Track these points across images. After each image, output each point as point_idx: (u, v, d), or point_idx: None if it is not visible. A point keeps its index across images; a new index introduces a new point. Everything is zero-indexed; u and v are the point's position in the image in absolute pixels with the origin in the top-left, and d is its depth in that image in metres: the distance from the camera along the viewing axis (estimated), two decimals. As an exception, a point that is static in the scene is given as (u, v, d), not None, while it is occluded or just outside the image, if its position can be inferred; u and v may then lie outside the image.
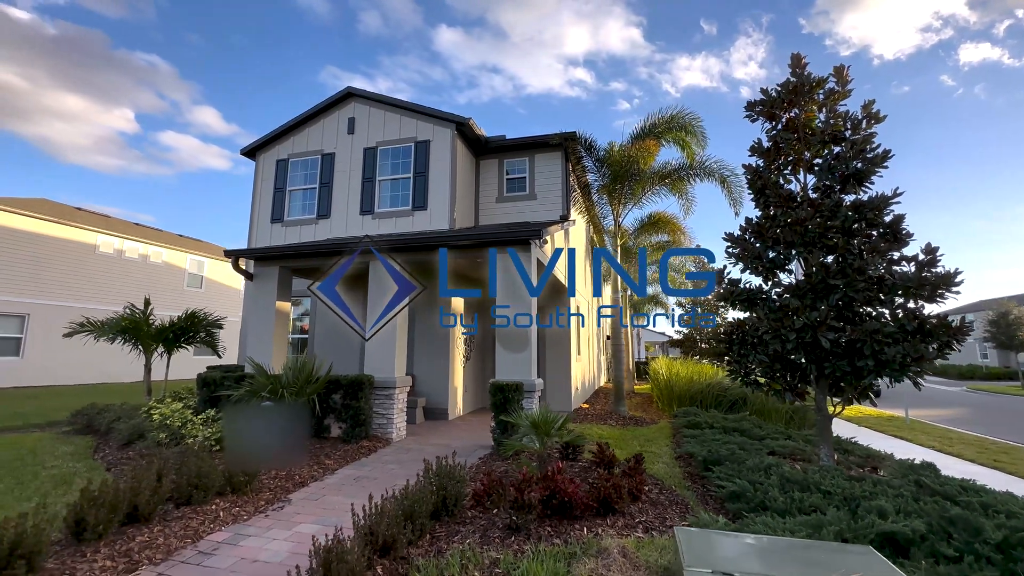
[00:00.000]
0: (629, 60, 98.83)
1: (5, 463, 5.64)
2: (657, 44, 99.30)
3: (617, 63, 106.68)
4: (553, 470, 4.09)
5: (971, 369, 37.32)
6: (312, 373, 6.26)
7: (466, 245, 7.28)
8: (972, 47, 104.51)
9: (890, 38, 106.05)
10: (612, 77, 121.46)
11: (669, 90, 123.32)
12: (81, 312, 18.32)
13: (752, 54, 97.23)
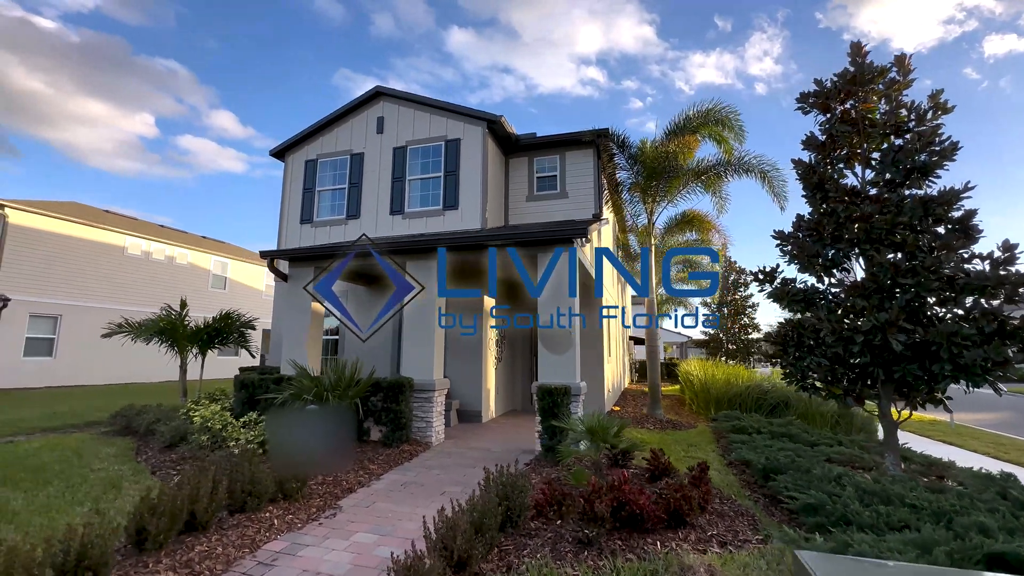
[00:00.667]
0: (642, 58, 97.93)
1: (52, 465, 5.63)
2: (670, 41, 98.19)
3: (629, 61, 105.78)
4: (619, 480, 3.89)
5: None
6: (354, 375, 6.15)
7: (511, 244, 7.09)
8: (997, 39, 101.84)
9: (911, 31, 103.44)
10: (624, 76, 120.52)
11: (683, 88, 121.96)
12: (110, 313, 18.61)
13: (767, 50, 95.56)
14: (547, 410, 5.65)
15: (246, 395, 7.22)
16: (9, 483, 4.98)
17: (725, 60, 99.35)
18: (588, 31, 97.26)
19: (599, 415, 4.97)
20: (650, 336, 10.25)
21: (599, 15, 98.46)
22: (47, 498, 4.53)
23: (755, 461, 5.53)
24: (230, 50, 70.95)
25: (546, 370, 6.57)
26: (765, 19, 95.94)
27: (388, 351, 9.93)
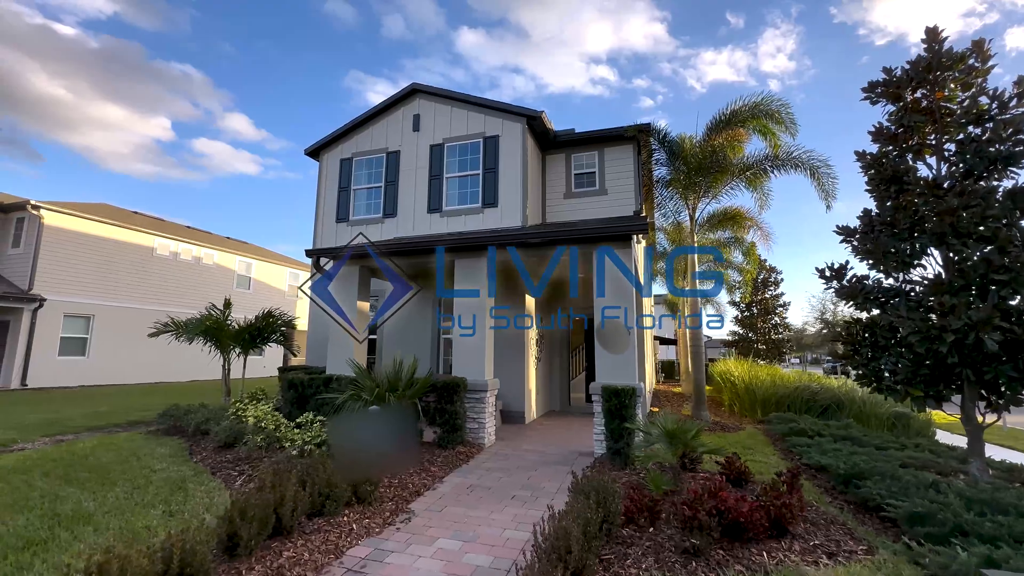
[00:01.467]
0: (652, 56, 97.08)
1: (112, 466, 5.59)
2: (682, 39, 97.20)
3: (640, 60, 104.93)
4: (716, 486, 3.70)
5: None
6: (412, 375, 6.03)
7: (573, 240, 6.92)
8: (1020, 31, 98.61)
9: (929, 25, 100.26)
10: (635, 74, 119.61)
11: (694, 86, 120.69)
12: (140, 314, 18.83)
13: (780, 46, 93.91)
14: (614, 412, 5.47)
15: (294, 395, 7.15)
16: (75, 483, 4.94)
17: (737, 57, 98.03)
18: (598, 30, 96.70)
19: (675, 417, 4.77)
20: (695, 336, 10.00)
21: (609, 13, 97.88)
22: (116, 499, 4.47)
23: (833, 466, 5.29)
24: (244, 54, 71.87)
25: (604, 370, 6.39)
26: (778, 14, 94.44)
27: (427, 350, 9.82)
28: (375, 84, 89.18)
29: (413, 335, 10.03)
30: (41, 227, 16.02)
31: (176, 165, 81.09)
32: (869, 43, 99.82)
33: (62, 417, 9.41)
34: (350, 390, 5.77)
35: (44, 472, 5.30)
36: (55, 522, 3.92)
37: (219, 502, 4.44)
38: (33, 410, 10.30)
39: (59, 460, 5.82)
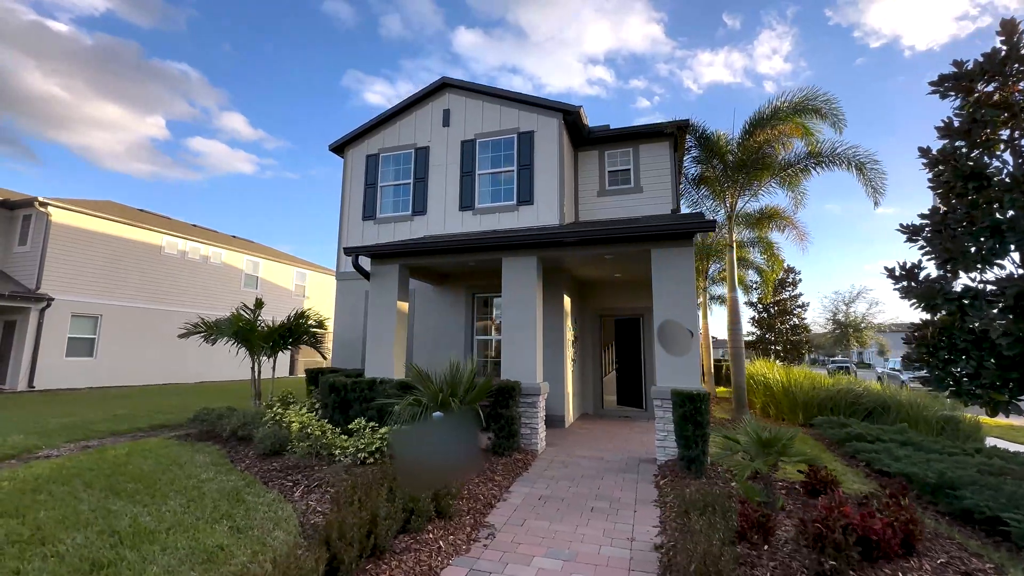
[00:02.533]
0: (650, 57, 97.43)
1: (155, 475, 5.27)
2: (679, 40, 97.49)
3: (637, 60, 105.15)
4: (837, 500, 3.45)
5: None
6: (472, 379, 5.75)
7: (636, 237, 6.65)
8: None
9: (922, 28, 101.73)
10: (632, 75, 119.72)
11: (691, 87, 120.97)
12: (149, 313, 18.43)
13: (776, 48, 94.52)
14: (688, 417, 5.21)
15: (336, 399, 6.85)
16: (123, 495, 4.62)
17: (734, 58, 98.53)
18: (596, 30, 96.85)
19: (763, 424, 4.52)
20: (734, 337, 9.77)
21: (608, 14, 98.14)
22: (174, 514, 4.16)
23: (919, 475, 5.05)
24: (241, 52, 71.23)
25: (665, 372, 6.14)
26: (775, 16, 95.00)
27: (461, 352, 9.53)
28: (373, 84, 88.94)
29: (446, 336, 9.75)
30: (49, 225, 15.59)
31: (173, 164, 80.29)
32: (864, 45, 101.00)
33: (81, 421, 9.05)
34: (413, 395, 5.47)
35: (85, 483, 4.98)
36: (116, 540, 3.62)
37: (284, 516, 4.15)
38: (48, 413, 9.93)
39: (97, 469, 5.49)
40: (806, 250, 13.19)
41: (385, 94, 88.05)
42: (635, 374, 10.96)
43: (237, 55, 71.31)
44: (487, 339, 9.72)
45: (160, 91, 64.95)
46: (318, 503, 4.48)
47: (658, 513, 4.42)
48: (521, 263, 7.08)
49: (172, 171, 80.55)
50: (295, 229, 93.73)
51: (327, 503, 4.47)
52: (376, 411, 6.59)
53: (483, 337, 9.70)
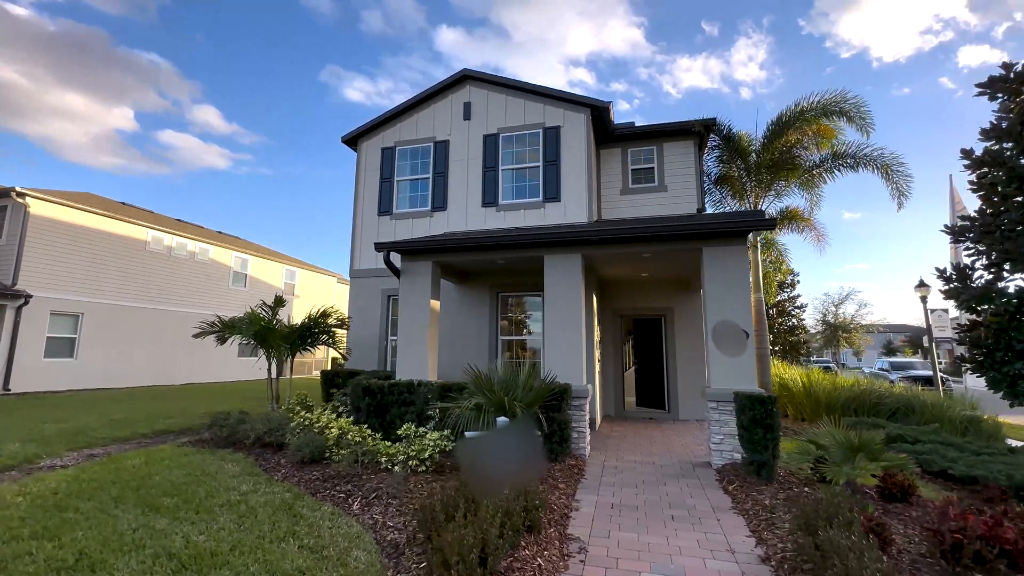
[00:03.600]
0: (630, 61, 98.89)
1: (189, 487, 4.83)
2: (659, 45, 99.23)
3: (618, 64, 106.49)
4: (956, 508, 3.31)
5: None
6: (530, 382, 5.46)
7: (689, 234, 6.46)
8: (972, 49, 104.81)
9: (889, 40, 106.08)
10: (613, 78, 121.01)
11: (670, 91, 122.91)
12: (134, 312, 17.50)
13: (752, 55, 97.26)
14: (758, 420, 5.04)
15: (370, 402, 6.47)
16: (162, 510, 4.19)
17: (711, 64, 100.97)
18: (579, 33, 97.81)
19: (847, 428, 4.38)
20: (759, 338, 9.74)
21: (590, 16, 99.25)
22: (229, 532, 3.77)
23: (988, 476, 5.00)
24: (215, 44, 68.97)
25: (719, 374, 5.98)
26: (751, 25, 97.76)
27: (485, 352, 9.23)
28: (353, 80, 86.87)
29: (468, 336, 9.42)
30: (27, 217, 14.61)
31: (141, 158, 77.00)
32: (835, 55, 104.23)
33: (77, 426, 8.41)
34: (474, 399, 5.15)
35: (115, 498, 4.52)
36: (178, 565, 3.23)
37: (353, 533, 3.80)
38: (37, 418, 9.21)
39: (120, 481, 5.01)
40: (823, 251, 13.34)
41: (365, 91, 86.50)
42: (656, 375, 10.83)
43: (211, 46, 69.02)
44: (511, 339, 9.44)
45: (128, 81, 62.33)
46: (384, 516, 4.14)
47: (743, 521, 4.23)
48: (565, 261, 6.84)
49: (140, 164, 77.22)
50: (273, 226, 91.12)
51: (393, 516, 4.15)
52: (416, 415, 6.25)
53: (508, 338, 9.41)
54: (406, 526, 3.93)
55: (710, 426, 5.93)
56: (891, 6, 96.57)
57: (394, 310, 9.98)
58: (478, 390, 5.26)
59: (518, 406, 4.97)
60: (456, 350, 9.33)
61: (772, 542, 3.75)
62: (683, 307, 10.10)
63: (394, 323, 9.93)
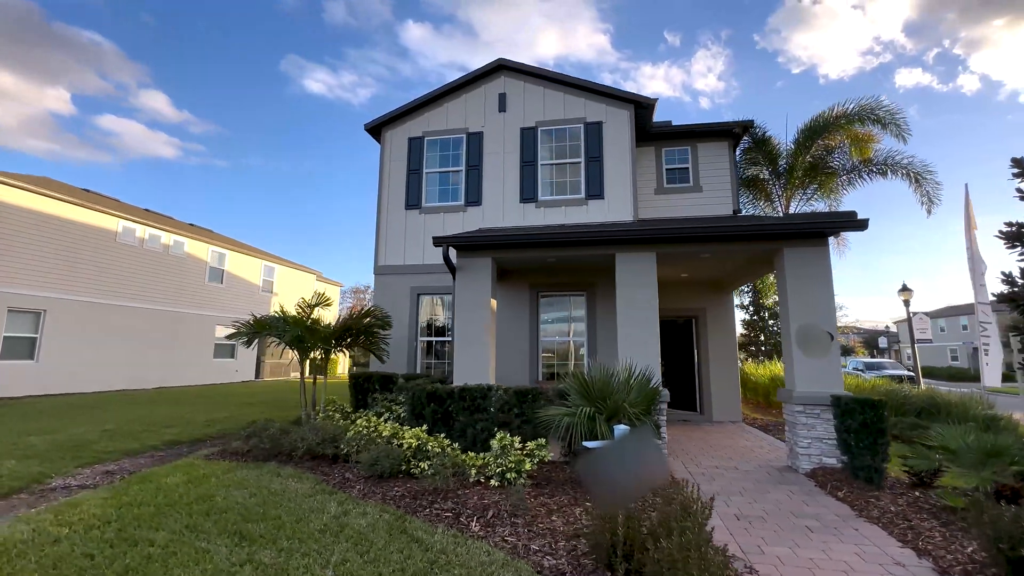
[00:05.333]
0: (596, 66, 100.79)
1: (265, 510, 4.21)
2: (623, 52, 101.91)
3: (585, 69, 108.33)
4: None
5: (958, 372, 39.65)
6: (643, 385, 5.14)
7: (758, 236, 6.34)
8: (907, 72, 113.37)
9: (836, 59, 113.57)
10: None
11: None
12: (103, 309, 15.95)
13: (711, 66, 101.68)
14: (868, 424, 4.95)
15: (437, 409, 5.98)
16: (257, 540, 3.60)
17: (673, 73, 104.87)
18: (547, 36, 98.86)
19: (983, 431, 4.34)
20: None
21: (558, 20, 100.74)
22: (361, 567, 3.25)
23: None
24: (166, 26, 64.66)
25: (803, 376, 5.89)
26: (710, 37, 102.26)
27: (525, 354, 8.85)
28: (314, 71, 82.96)
29: (508, 337, 9.00)
30: (-18, 201, 12.98)
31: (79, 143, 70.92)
32: (787, 70, 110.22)
33: (72, 439, 7.43)
34: (582, 405, 4.77)
35: (187, 525, 3.87)
36: (330, 610, 2.72)
37: (497, 560, 3.37)
38: (11, 429, 8.07)
39: (177, 504, 4.34)
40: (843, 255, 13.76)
41: (327, 83, 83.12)
42: (685, 377, 10.78)
43: (161, 29, 64.51)
44: (551, 340, 9.10)
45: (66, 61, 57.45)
46: (519, 538, 3.73)
47: (881, 530, 4.09)
48: (639, 259, 6.59)
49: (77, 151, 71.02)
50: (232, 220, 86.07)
51: (531, 537, 3.74)
52: (490, 423, 5.82)
53: (548, 339, 9.07)
54: (555, 548, 3.54)
55: (795, 429, 5.82)
56: (837, 27, 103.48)
57: (426, 310, 9.45)
58: (580, 395, 4.91)
59: (632, 412, 4.67)
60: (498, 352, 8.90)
61: (937, 553, 3.61)
62: (715, 309, 10.08)
63: (428, 325, 9.40)
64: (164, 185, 79.13)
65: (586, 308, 8.86)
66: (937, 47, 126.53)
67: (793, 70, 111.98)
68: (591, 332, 8.73)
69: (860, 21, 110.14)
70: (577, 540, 3.65)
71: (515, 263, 8.36)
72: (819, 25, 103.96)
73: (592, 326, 8.73)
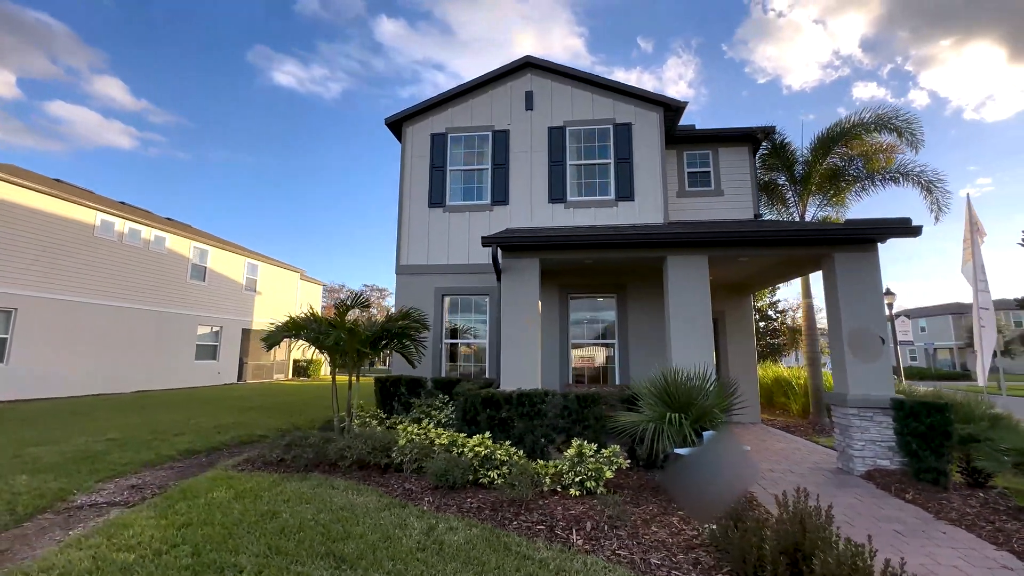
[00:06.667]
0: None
1: (346, 528, 3.92)
2: (598, 56, 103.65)
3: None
4: None
5: (919, 371, 41.87)
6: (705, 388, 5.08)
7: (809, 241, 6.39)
8: (863, 85, 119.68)
9: (799, 71, 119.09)
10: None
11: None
12: (80, 308, 14.91)
13: (682, 73, 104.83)
14: (937, 427, 5.06)
15: (493, 414, 5.77)
16: (355, 563, 3.32)
17: (646, 79, 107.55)
18: (523, 37, 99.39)
19: None
20: (811, 342, 10.06)
21: (534, 22, 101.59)
22: (478, 586, 3.04)
23: (1117, 475, 5.36)
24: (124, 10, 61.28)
25: (856, 379, 5.98)
26: (681, 45, 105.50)
27: (556, 358, 8.71)
28: (283, 63, 79.69)
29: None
30: (-52, 189, 11.89)
31: (24, 130, 66.24)
32: (752, 80, 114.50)
33: (78, 449, 6.85)
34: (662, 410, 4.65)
35: (270, 546, 3.55)
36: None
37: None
38: (8, 439, 7.36)
39: (242, 523, 3.99)
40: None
41: (297, 76, 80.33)
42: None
43: (120, 13, 61.10)
44: (581, 343, 8.99)
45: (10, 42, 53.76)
46: (633, 552, 3.57)
47: (966, 533, 4.15)
48: (689, 262, 6.56)
49: (22, 138, 66.19)
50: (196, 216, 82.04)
51: (648, 551, 3.58)
52: (549, 429, 5.66)
53: (578, 341, 8.96)
54: (677, 562, 3.40)
55: (849, 432, 5.90)
56: (800, 41, 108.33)
57: (452, 311, 9.19)
58: (660, 400, 4.80)
59: (720, 415, 4.60)
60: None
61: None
62: (734, 311, 10.20)
63: (451, 329, 9.14)
64: (119, 177, 74.88)
65: (616, 310, 8.80)
66: (891, 63, 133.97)
67: (759, 80, 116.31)
68: (622, 334, 8.67)
69: (821, 36, 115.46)
70: (695, 552, 3.53)
71: (551, 264, 8.20)
72: (783, 38, 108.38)
73: (623, 328, 8.67)
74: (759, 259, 7.39)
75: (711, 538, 3.56)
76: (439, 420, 6.79)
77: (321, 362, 29.81)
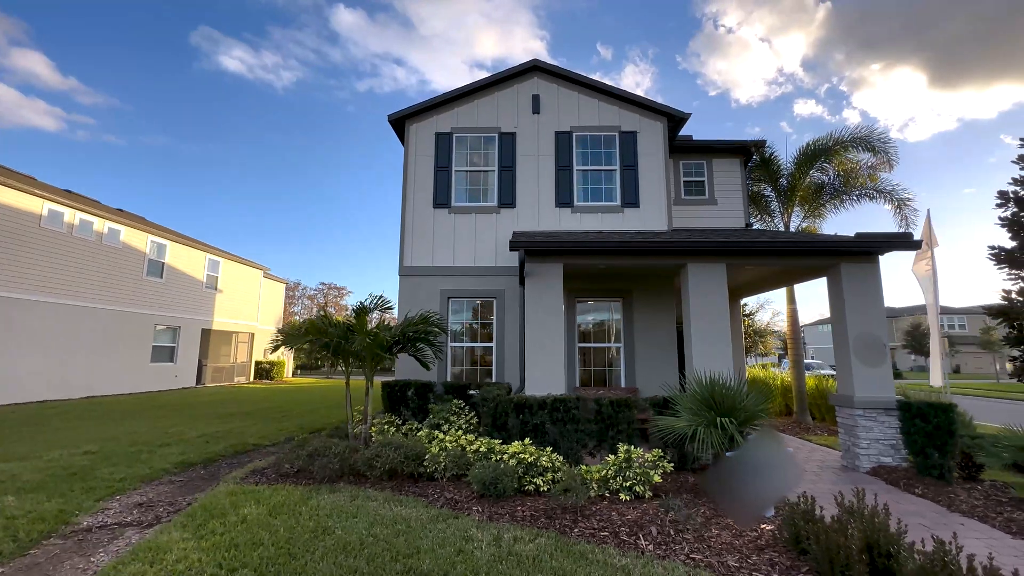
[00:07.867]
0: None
1: (412, 544, 3.77)
2: (559, 59, 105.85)
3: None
4: None
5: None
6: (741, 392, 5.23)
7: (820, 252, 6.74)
8: (803, 102, 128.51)
9: (747, 86, 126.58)
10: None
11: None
12: (24, 307, 13.48)
13: (639, 82, 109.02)
14: (943, 426, 5.46)
15: (526, 420, 5.74)
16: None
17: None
18: (485, 36, 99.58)
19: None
20: (795, 346, 10.63)
21: (496, 22, 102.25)
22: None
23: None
24: None
25: (862, 382, 6.39)
26: (638, 53, 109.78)
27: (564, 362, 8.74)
28: (231, 47, 73.97)
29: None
30: None
31: (-71, 108, 58.90)
32: (704, 92, 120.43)
33: (59, 465, 6.21)
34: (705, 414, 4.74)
35: (345, 568, 3.36)
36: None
37: (705, 579, 3.29)
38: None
39: (293, 541, 3.76)
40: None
41: (246, 62, 75.17)
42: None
43: None
44: (588, 347, 9.09)
45: None
46: (708, 556, 3.63)
47: (982, 524, 4.53)
48: (709, 270, 6.77)
49: (-70, 117, 58.82)
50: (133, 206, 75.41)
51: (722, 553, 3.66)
52: (582, 435, 5.69)
53: (585, 344, 9.05)
54: (753, 563, 3.50)
55: (855, 432, 6.29)
56: (748, 57, 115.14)
57: (461, 314, 9.04)
58: (702, 404, 4.93)
59: (762, 419, 4.78)
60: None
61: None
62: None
63: (455, 331, 8.99)
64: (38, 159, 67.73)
65: (623, 314, 8.96)
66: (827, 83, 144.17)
67: (710, 92, 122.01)
68: (627, 337, 8.84)
69: (767, 53, 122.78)
70: (767, 553, 3.65)
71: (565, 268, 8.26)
72: (732, 53, 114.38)
73: (629, 331, 8.84)
74: (764, 267, 7.74)
75: (781, 538, 3.69)
76: (459, 426, 6.67)
77: (284, 364, 28.50)
